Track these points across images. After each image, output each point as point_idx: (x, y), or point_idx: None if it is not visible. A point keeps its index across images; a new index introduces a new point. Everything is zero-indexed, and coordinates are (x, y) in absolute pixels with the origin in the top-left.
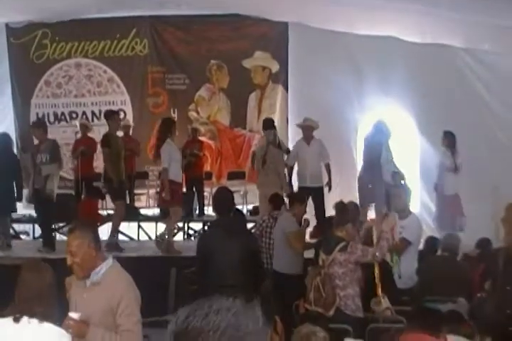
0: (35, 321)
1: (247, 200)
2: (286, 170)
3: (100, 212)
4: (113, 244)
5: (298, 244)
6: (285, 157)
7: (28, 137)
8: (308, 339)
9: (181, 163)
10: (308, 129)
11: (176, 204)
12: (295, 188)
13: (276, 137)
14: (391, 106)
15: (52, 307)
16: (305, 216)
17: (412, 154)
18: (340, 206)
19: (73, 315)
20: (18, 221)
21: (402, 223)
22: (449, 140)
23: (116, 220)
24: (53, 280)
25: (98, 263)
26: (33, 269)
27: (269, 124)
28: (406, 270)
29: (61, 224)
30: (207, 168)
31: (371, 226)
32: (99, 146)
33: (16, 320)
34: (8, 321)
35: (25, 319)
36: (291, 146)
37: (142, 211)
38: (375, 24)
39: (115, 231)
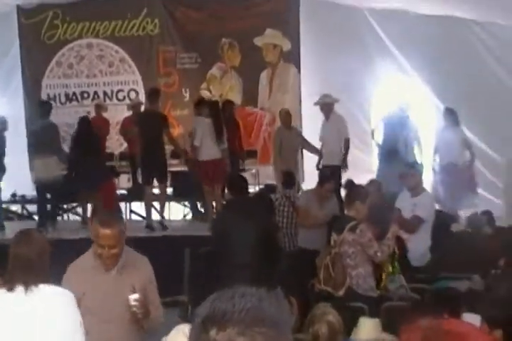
0: (30, 287)
1: (259, 180)
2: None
3: None
4: (163, 224)
5: (303, 221)
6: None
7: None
8: (320, 320)
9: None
10: (326, 106)
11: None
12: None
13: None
14: (407, 82)
15: (44, 275)
16: None
17: (427, 130)
18: (349, 185)
19: (134, 296)
20: (31, 202)
21: (415, 200)
22: (451, 116)
23: (164, 200)
24: (45, 249)
25: None
26: (23, 239)
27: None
28: (419, 247)
29: (74, 204)
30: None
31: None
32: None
33: (10, 289)
34: (2, 292)
35: (19, 287)
36: (304, 126)
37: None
38: None
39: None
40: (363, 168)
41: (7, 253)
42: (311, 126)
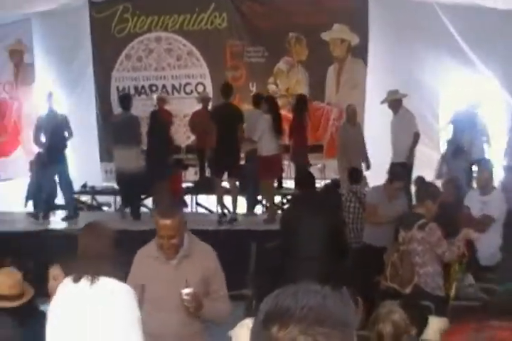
0: (95, 279)
1: (326, 175)
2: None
3: None
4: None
5: (370, 217)
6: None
7: (108, 111)
8: (385, 319)
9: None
10: (395, 102)
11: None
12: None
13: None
14: (477, 79)
15: (110, 268)
16: None
17: (498, 127)
18: (419, 182)
19: (186, 291)
20: (101, 192)
21: (484, 199)
22: None
23: (236, 194)
24: (112, 242)
25: None
26: (90, 231)
27: None
28: (489, 247)
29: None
30: (284, 141)
31: None
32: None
33: (76, 280)
34: (68, 282)
35: (85, 279)
36: (367, 121)
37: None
38: None
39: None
40: (431, 164)
41: (75, 243)
42: (376, 121)
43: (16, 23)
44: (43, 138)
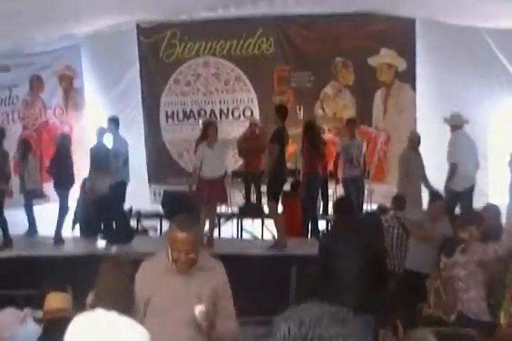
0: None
1: (372, 199)
2: None
3: None
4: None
5: (416, 233)
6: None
7: (156, 135)
8: None
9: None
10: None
11: None
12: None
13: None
14: None
15: (127, 305)
16: None
17: None
18: (465, 208)
19: (200, 308)
20: (146, 217)
21: None
22: None
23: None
24: (133, 277)
25: None
26: (112, 268)
27: None
28: None
29: None
30: (331, 165)
31: None
32: None
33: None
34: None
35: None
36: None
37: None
38: (507, 16)
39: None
40: (479, 191)
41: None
42: (425, 146)
43: (66, 49)
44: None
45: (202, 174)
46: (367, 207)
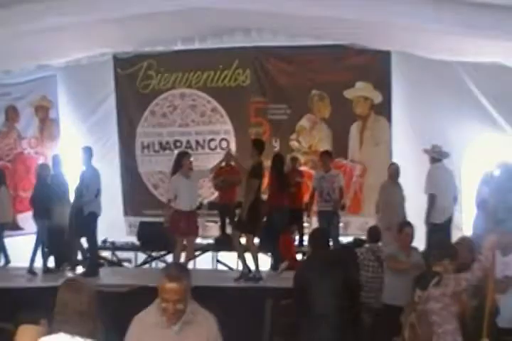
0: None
1: (348, 231)
2: None
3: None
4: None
5: (391, 264)
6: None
7: (132, 166)
8: None
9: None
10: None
11: None
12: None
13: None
14: (501, 139)
15: (91, 325)
16: None
17: None
18: (438, 241)
19: None
20: (121, 248)
21: (506, 259)
22: None
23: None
24: (93, 300)
25: None
26: (71, 289)
27: None
28: (509, 308)
29: (162, 253)
30: (306, 198)
31: None
32: None
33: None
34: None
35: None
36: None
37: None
38: (481, 51)
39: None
40: (453, 224)
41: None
42: (402, 178)
43: (42, 79)
44: None
45: (177, 205)
46: (343, 239)
